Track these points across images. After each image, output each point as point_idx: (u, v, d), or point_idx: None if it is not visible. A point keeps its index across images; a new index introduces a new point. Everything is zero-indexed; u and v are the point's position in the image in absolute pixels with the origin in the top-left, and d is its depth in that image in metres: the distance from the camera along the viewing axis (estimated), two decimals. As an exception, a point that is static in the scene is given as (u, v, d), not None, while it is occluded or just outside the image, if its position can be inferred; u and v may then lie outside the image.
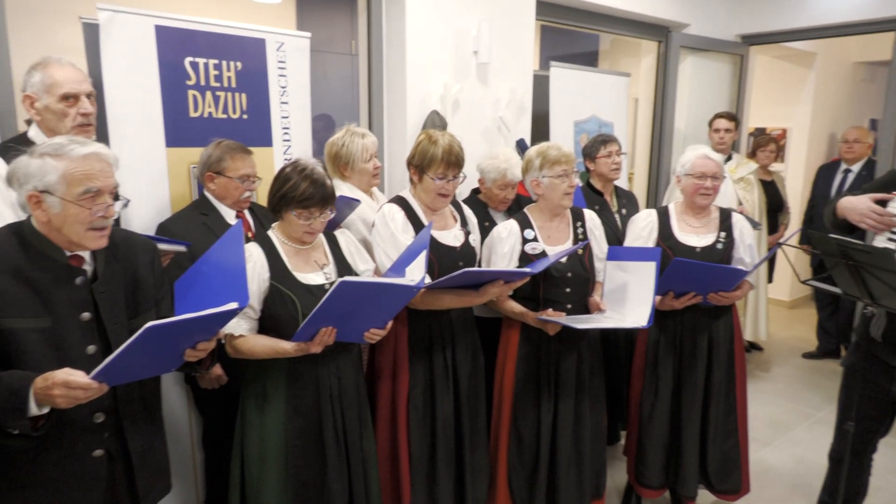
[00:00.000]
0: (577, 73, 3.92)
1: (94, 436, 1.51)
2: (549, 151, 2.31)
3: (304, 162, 1.90)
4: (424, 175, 2.16)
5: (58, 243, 1.46)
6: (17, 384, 1.35)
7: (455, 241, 2.26)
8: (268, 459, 1.89)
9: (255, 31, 2.54)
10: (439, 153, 2.13)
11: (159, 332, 1.33)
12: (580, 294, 2.35)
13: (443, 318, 2.23)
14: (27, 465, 1.46)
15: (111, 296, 1.52)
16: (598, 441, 2.50)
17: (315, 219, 1.86)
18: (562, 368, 2.36)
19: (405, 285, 1.77)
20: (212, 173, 2.22)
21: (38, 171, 1.39)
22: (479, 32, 3.23)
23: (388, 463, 2.28)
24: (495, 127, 3.47)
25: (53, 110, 1.91)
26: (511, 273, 2.13)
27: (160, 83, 2.31)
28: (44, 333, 1.42)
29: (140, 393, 1.61)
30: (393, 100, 3.21)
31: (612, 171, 3.08)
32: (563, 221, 2.42)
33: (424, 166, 2.15)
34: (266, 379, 1.89)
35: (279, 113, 2.66)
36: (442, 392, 2.24)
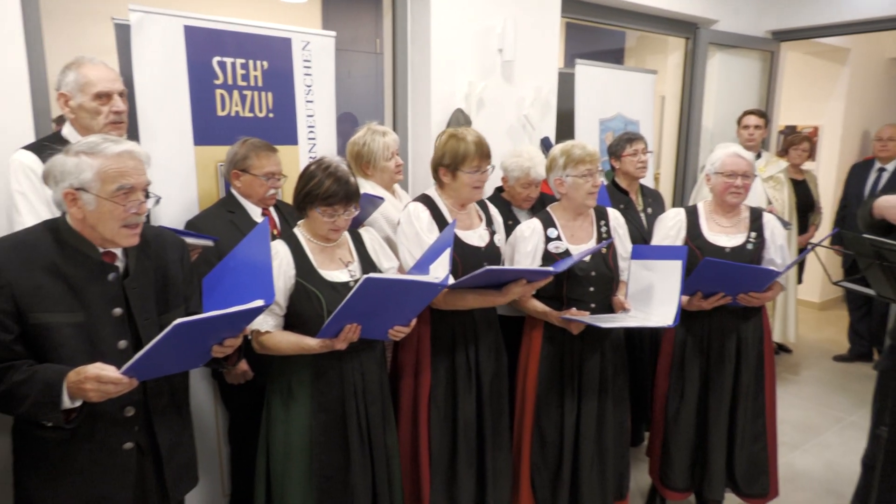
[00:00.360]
0: (603, 70, 3.88)
1: (124, 429, 1.54)
2: (574, 150, 2.29)
3: (329, 160, 1.91)
4: (459, 171, 2.15)
5: (91, 240, 1.49)
6: (51, 377, 1.38)
7: (480, 240, 2.25)
8: (292, 454, 1.91)
9: (281, 31, 2.56)
10: (472, 147, 2.14)
11: (188, 329, 1.35)
12: (604, 293, 2.33)
13: (466, 317, 2.23)
14: (60, 457, 1.49)
15: (142, 292, 1.55)
16: (621, 441, 2.47)
17: (339, 216, 1.87)
18: (585, 368, 2.35)
19: (429, 283, 1.77)
20: (237, 171, 2.25)
21: (74, 168, 1.42)
22: (504, 30, 3.22)
23: (409, 460, 2.29)
24: (520, 125, 3.46)
25: (87, 108, 1.96)
26: (534, 272, 2.12)
27: (189, 82, 2.34)
28: (77, 328, 1.45)
29: (169, 388, 1.64)
30: (417, 98, 3.21)
31: (637, 170, 3.05)
32: (586, 220, 2.40)
33: (458, 163, 2.14)
34: (291, 375, 1.91)
35: (304, 112, 2.68)
36: (464, 392, 2.24)
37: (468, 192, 2.19)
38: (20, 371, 1.40)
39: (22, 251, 1.44)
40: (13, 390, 1.39)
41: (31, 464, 1.51)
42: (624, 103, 3.99)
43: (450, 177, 2.18)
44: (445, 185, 2.22)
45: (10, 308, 1.40)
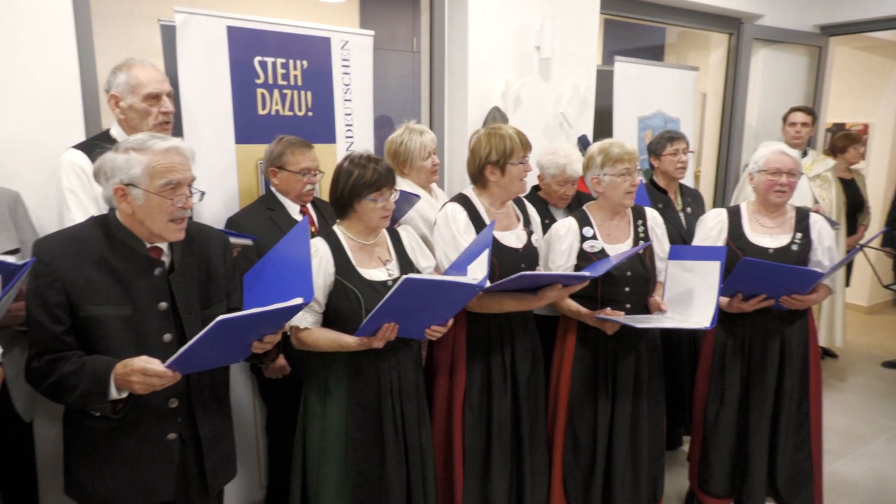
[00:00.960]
0: (643, 67, 3.82)
1: (168, 420, 1.58)
2: (611, 149, 2.26)
3: (357, 152, 1.94)
4: (507, 165, 2.14)
5: (139, 235, 1.54)
6: (99, 369, 1.43)
7: (517, 241, 2.24)
8: (328, 450, 1.94)
9: (320, 31, 2.60)
10: (517, 139, 2.15)
11: (229, 325, 1.37)
12: (640, 294, 2.30)
13: (502, 319, 2.22)
14: (108, 446, 1.54)
15: (186, 286, 1.59)
16: (656, 444, 2.43)
17: (387, 199, 1.90)
18: (619, 369, 2.32)
19: (468, 283, 1.77)
20: (275, 168, 2.28)
21: (123, 165, 1.47)
22: (542, 28, 3.20)
23: (442, 459, 2.29)
24: (557, 123, 3.43)
25: (137, 109, 2.01)
26: (569, 277, 2.09)
27: (231, 82, 2.39)
28: (125, 321, 1.50)
29: (210, 381, 1.67)
30: (454, 97, 3.22)
31: (677, 170, 2.99)
32: (623, 220, 2.36)
33: (506, 157, 2.13)
34: (328, 371, 1.93)
35: (343, 110, 2.71)
36: (499, 393, 2.23)
37: (517, 184, 2.18)
38: (70, 362, 1.45)
39: (73, 246, 1.49)
40: (64, 380, 1.44)
41: (80, 451, 1.57)
42: (664, 101, 3.92)
43: (498, 173, 2.16)
44: (491, 183, 2.19)
45: (62, 301, 1.45)
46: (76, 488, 1.58)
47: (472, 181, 2.25)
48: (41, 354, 1.47)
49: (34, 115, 2.09)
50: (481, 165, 2.18)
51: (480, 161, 2.17)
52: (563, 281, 2.08)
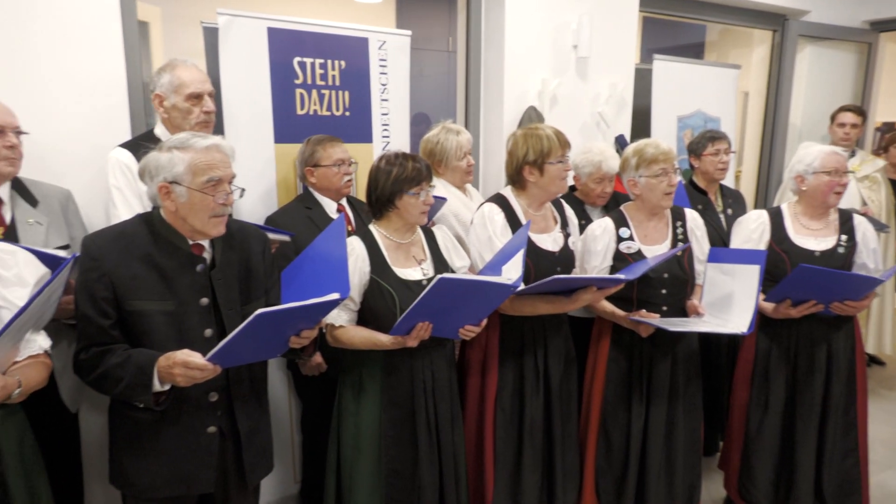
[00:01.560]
0: (682, 65, 3.75)
1: (208, 413, 1.62)
2: (646, 149, 2.22)
3: (390, 152, 1.95)
4: (546, 164, 2.11)
5: (182, 232, 1.58)
6: (143, 362, 1.47)
7: (554, 245, 2.21)
8: (362, 446, 1.95)
9: (358, 31, 2.62)
10: (555, 138, 2.12)
11: (268, 319, 1.40)
12: (677, 296, 2.25)
13: (535, 320, 2.20)
14: (150, 437, 1.58)
15: (227, 282, 1.62)
16: (692, 451, 2.38)
17: (427, 193, 1.91)
18: (654, 372, 2.28)
19: (503, 283, 1.76)
20: (310, 167, 2.32)
21: (167, 163, 1.51)
22: (580, 26, 3.17)
23: (473, 459, 2.28)
24: (594, 123, 3.39)
25: (180, 108, 2.07)
26: (604, 280, 2.06)
27: (270, 82, 2.43)
28: (168, 316, 1.54)
29: (249, 376, 1.70)
30: (490, 96, 3.21)
31: (717, 171, 2.92)
32: (661, 221, 2.32)
33: (545, 157, 2.11)
34: (363, 369, 1.95)
35: (379, 110, 2.73)
36: (531, 395, 2.22)
37: (557, 184, 2.16)
38: (116, 354, 1.50)
39: (120, 242, 1.53)
40: (110, 372, 1.49)
41: (124, 441, 1.61)
42: (704, 100, 3.84)
43: (537, 173, 2.14)
44: (530, 183, 2.17)
45: (109, 295, 1.50)
46: (120, 477, 1.63)
47: (510, 182, 2.24)
48: (88, 347, 1.52)
49: (83, 115, 2.16)
50: (519, 166, 2.16)
51: (518, 162, 2.16)
52: (598, 284, 2.05)
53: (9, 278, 1.38)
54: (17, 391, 1.31)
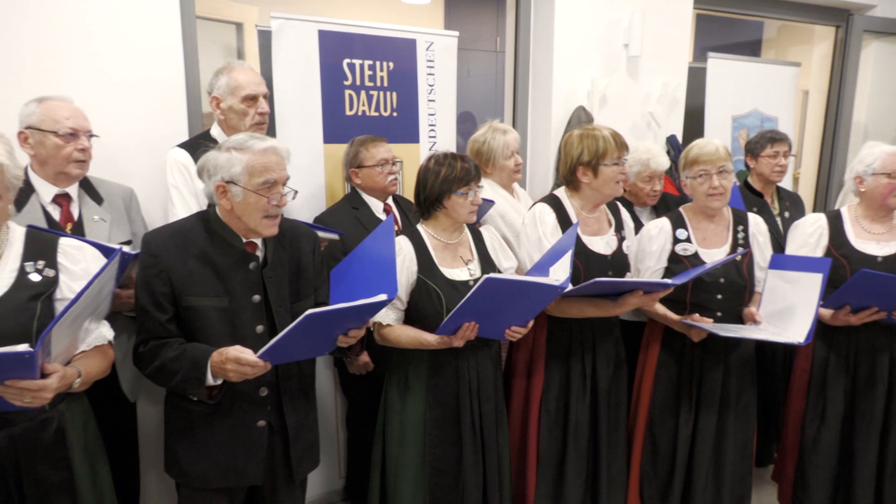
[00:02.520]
0: (738, 64, 3.64)
1: (258, 407, 1.66)
2: (690, 150, 2.19)
3: (438, 153, 1.96)
4: (601, 166, 2.08)
5: (237, 230, 1.62)
6: (198, 356, 1.52)
7: (606, 248, 2.18)
8: (407, 444, 1.97)
9: (406, 32, 2.64)
10: (611, 139, 2.09)
11: (317, 320, 1.43)
12: (733, 302, 2.19)
13: (584, 322, 2.17)
14: (203, 429, 1.64)
15: (278, 280, 1.66)
16: (743, 462, 2.31)
17: (476, 193, 1.92)
18: (706, 379, 2.22)
19: (550, 285, 1.75)
20: (355, 169, 2.35)
21: (225, 163, 1.55)
22: (632, 24, 3.11)
23: (516, 461, 2.27)
24: (644, 123, 3.33)
25: (236, 110, 2.13)
26: (651, 284, 2.02)
27: (321, 83, 2.48)
28: (222, 312, 1.58)
29: (298, 373, 1.74)
30: (538, 96, 3.19)
31: (774, 174, 2.82)
32: (721, 224, 2.26)
33: (599, 158, 2.08)
34: (409, 367, 1.96)
35: (426, 110, 2.75)
36: (577, 398, 2.19)
37: (611, 186, 2.12)
38: (172, 348, 1.55)
39: (178, 239, 1.59)
40: (167, 365, 1.54)
41: (179, 432, 1.67)
42: (761, 99, 3.73)
43: (591, 174, 2.11)
44: (584, 185, 2.14)
45: (167, 291, 1.55)
46: (174, 467, 1.69)
47: (564, 183, 2.22)
48: (147, 340, 1.58)
49: (144, 116, 2.24)
50: (573, 166, 2.13)
51: (572, 162, 2.13)
52: (644, 288, 2.01)
53: (76, 272, 1.45)
54: (78, 381, 1.37)
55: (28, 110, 1.83)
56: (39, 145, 1.82)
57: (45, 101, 1.84)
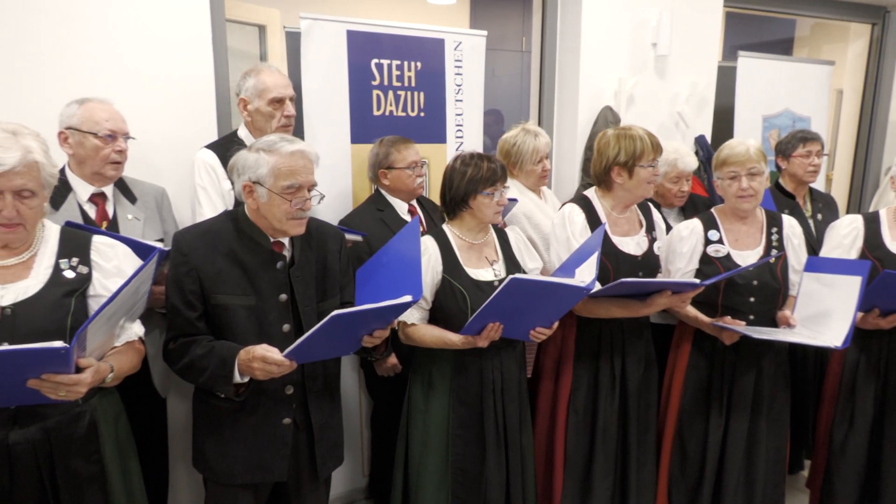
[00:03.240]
0: (770, 62, 3.58)
1: (284, 405, 1.67)
2: (721, 151, 2.17)
3: (465, 153, 1.96)
4: (636, 167, 2.07)
5: (264, 230, 1.64)
6: (226, 354, 1.54)
7: (637, 248, 2.16)
8: (430, 444, 1.97)
9: (435, 32, 2.64)
10: (648, 140, 2.08)
11: (342, 320, 1.44)
12: (767, 305, 2.15)
13: (613, 323, 2.15)
14: (230, 426, 1.66)
15: (305, 280, 1.67)
16: (776, 469, 2.26)
17: (501, 193, 1.91)
18: (737, 383, 2.18)
19: (575, 286, 1.73)
20: (384, 170, 2.35)
21: (253, 163, 1.57)
22: (660, 23, 3.08)
23: (543, 463, 2.26)
24: (673, 123, 3.29)
25: (263, 112, 2.15)
26: (679, 284, 1.99)
27: (349, 84, 2.49)
28: (250, 310, 1.60)
29: (323, 372, 1.75)
30: (564, 96, 3.17)
31: (807, 174, 2.76)
32: (754, 225, 2.22)
33: (635, 159, 2.06)
34: (433, 367, 1.96)
35: (454, 110, 2.75)
36: (606, 400, 2.17)
37: (644, 188, 2.11)
38: (201, 346, 1.57)
39: (207, 238, 1.61)
40: (195, 362, 1.57)
41: (206, 428, 1.69)
42: (793, 98, 3.65)
43: (625, 175, 2.09)
44: (616, 185, 2.12)
45: (196, 289, 1.58)
46: (202, 462, 1.71)
47: (596, 183, 2.20)
48: (176, 337, 1.61)
49: (175, 117, 2.27)
50: (608, 166, 2.11)
51: (608, 162, 2.11)
52: (672, 288, 1.98)
53: (109, 269, 1.48)
54: (110, 376, 1.39)
55: (69, 111, 1.88)
56: (79, 145, 1.87)
57: (85, 103, 1.89)
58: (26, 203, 1.35)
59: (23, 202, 1.34)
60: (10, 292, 1.36)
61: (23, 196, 1.34)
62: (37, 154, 1.35)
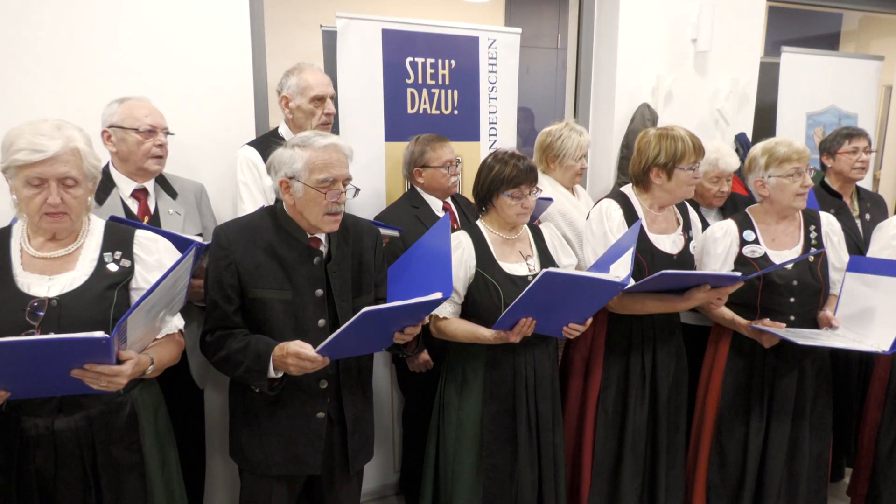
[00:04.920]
0: (815, 58, 3.47)
1: (318, 399, 1.69)
2: (778, 148, 2.08)
3: (502, 149, 1.95)
4: (676, 169, 2.05)
5: (302, 225, 1.66)
6: (261, 349, 1.57)
7: (673, 247, 2.13)
8: (463, 440, 1.97)
9: (469, 30, 2.64)
10: (689, 144, 2.05)
11: (373, 317, 1.45)
12: (807, 306, 2.09)
13: (645, 321, 2.12)
14: (266, 418, 1.69)
15: (341, 275, 1.69)
16: (818, 476, 2.20)
17: (526, 196, 1.89)
18: (778, 387, 2.12)
19: (609, 281, 1.71)
20: (419, 168, 2.36)
21: (289, 159, 1.59)
22: (700, 19, 3.02)
23: (571, 461, 2.24)
24: (712, 121, 3.22)
25: (304, 110, 2.18)
26: (719, 277, 1.94)
27: (383, 82, 2.50)
28: (286, 304, 1.63)
29: (357, 367, 1.77)
30: (600, 93, 3.13)
31: (854, 171, 2.67)
32: (791, 224, 2.16)
33: (676, 160, 2.04)
34: (466, 362, 1.96)
35: (487, 108, 2.74)
36: (636, 399, 2.14)
37: (684, 190, 2.08)
38: (238, 339, 1.60)
39: (247, 233, 1.64)
40: (231, 356, 1.60)
41: (242, 420, 1.72)
42: (838, 94, 3.54)
43: (664, 177, 2.07)
44: (655, 186, 2.10)
45: (235, 282, 1.61)
46: (238, 452, 1.75)
47: (634, 182, 2.18)
48: (214, 330, 1.64)
49: (215, 115, 2.33)
50: (647, 167, 2.09)
51: (647, 162, 2.09)
52: (712, 282, 1.94)
53: (150, 263, 1.52)
54: (151, 368, 1.43)
55: (110, 110, 1.95)
56: (121, 142, 1.94)
57: (125, 102, 1.96)
58: (70, 192, 1.39)
59: (67, 191, 1.38)
60: (57, 283, 1.41)
61: (66, 185, 1.38)
62: (79, 143, 1.40)
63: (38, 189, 1.36)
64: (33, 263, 1.42)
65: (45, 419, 1.40)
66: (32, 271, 1.41)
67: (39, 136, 1.34)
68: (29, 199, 1.37)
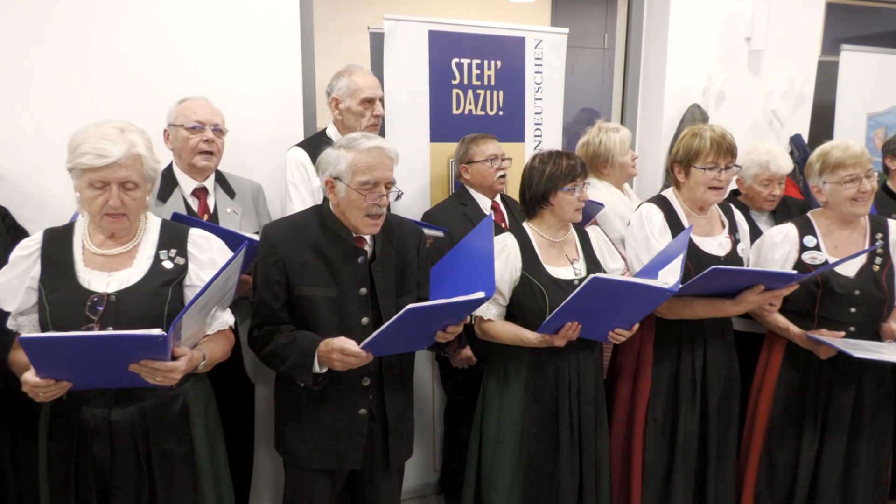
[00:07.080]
0: (876, 56, 3.33)
1: (361, 396, 1.71)
2: (831, 153, 2.00)
3: (542, 152, 1.94)
4: (692, 168, 2.02)
5: (347, 225, 1.68)
6: (307, 345, 1.60)
7: (719, 249, 2.07)
8: (504, 441, 1.96)
9: (515, 31, 2.63)
10: (707, 141, 2.00)
11: (416, 314, 1.46)
12: (869, 317, 2.00)
13: (695, 326, 2.07)
14: (310, 413, 1.72)
15: (385, 275, 1.71)
16: (876, 493, 2.10)
17: (582, 189, 1.89)
18: (834, 401, 2.04)
19: (657, 287, 1.68)
20: (465, 165, 2.38)
21: (334, 160, 1.62)
22: (755, 16, 2.93)
23: (619, 470, 2.20)
24: (766, 122, 3.13)
25: (353, 111, 2.22)
26: (773, 276, 1.87)
27: (429, 83, 2.52)
28: (331, 302, 1.65)
29: (399, 364, 1.78)
30: (648, 93, 3.07)
31: (920, 173, 2.55)
32: (856, 231, 2.07)
33: (691, 158, 2.01)
34: (509, 363, 1.95)
35: (533, 109, 2.72)
36: (686, 407, 2.08)
37: (702, 191, 2.03)
38: (284, 335, 1.64)
39: (295, 231, 1.67)
40: (278, 351, 1.63)
41: (287, 414, 1.76)
42: (902, 94, 3.38)
43: (683, 174, 2.06)
44: (681, 184, 2.09)
45: (282, 280, 1.64)
46: (282, 446, 1.78)
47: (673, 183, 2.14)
48: (261, 325, 1.68)
49: (267, 116, 2.38)
50: (671, 163, 2.09)
51: (671, 158, 2.09)
52: (766, 282, 1.87)
53: (203, 261, 1.57)
54: (203, 363, 1.47)
55: (170, 110, 2.04)
56: (175, 139, 2.02)
57: (184, 102, 2.04)
58: (130, 194, 1.44)
59: (127, 193, 1.44)
60: (116, 280, 1.46)
61: (127, 188, 1.44)
62: (140, 148, 1.45)
63: (101, 191, 1.42)
64: (94, 260, 1.48)
65: (102, 410, 1.45)
66: (93, 268, 1.47)
67: (103, 141, 1.39)
68: (91, 199, 1.42)
